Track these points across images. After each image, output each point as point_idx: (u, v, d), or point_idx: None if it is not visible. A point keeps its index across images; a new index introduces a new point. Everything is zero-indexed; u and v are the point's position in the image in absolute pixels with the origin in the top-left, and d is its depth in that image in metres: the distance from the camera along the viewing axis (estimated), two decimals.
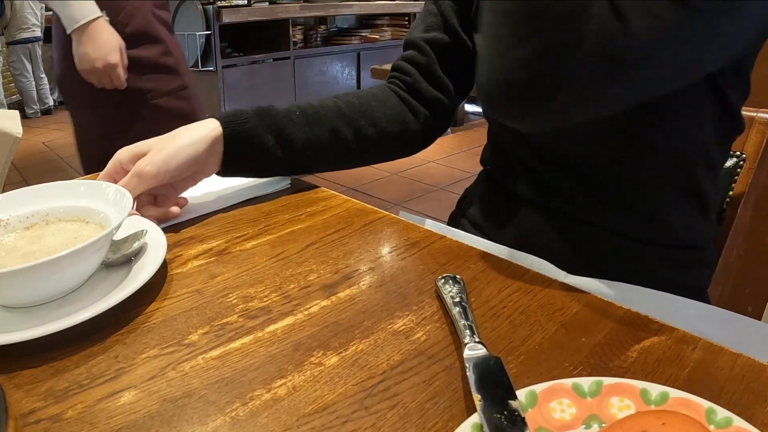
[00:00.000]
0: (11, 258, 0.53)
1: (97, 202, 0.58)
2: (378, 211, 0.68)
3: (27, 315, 0.49)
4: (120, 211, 0.55)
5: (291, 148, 0.70)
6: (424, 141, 0.82)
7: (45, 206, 0.59)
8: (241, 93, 3.60)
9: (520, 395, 0.37)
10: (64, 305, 0.50)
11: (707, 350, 0.44)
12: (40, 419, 0.38)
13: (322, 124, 0.72)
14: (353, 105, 0.75)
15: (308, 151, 0.71)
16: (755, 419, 0.37)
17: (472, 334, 0.43)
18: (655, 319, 0.47)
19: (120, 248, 0.56)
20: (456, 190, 3.19)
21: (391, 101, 0.77)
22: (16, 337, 0.44)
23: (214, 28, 3.38)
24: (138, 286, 0.50)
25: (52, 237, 0.56)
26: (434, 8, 0.77)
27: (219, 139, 0.66)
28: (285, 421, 0.38)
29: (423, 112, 0.78)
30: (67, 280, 0.50)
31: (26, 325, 0.45)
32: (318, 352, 0.44)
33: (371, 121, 0.75)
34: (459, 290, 0.49)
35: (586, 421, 0.36)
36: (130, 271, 0.54)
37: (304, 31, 4.00)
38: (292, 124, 0.70)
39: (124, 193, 0.57)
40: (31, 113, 5.66)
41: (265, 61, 3.76)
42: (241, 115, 0.68)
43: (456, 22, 0.75)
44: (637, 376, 0.40)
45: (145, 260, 0.55)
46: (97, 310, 0.47)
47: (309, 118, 0.72)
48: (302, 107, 0.73)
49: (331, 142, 0.72)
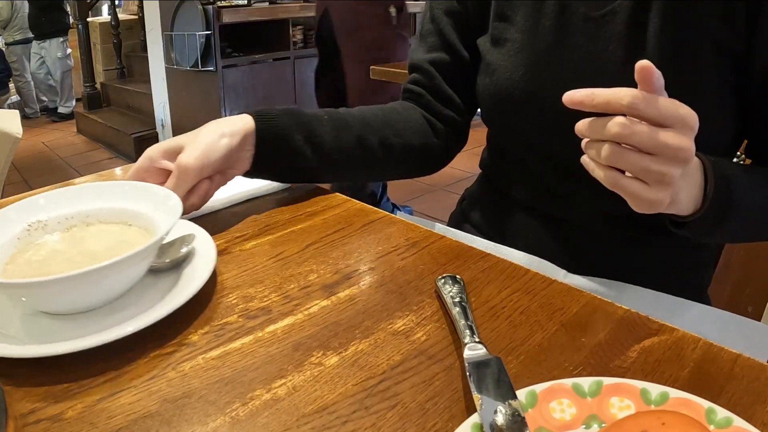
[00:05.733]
0: (54, 263, 0.50)
1: (139, 204, 0.56)
2: (378, 211, 0.68)
3: (70, 323, 0.47)
4: (169, 215, 0.51)
5: (319, 150, 0.68)
6: (446, 157, 0.81)
7: (85, 207, 0.56)
8: (241, 93, 3.60)
9: (520, 395, 0.37)
10: (111, 313, 0.47)
11: (707, 350, 0.44)
12: (40, 419, 0.38)
13: (350, 130, 0.71)
14: (378, 116, 0.75)
15: (335, 155, 0.70)
16: (755, 419, 0.37)
17: (472, 334, 0.43)
18: (655, 319, 0.47)
19: (166, 252, 0.53)
20: (456, 190, 3.18)
21: (414, 115, 0.77)
22: (60, 348, 0.41)
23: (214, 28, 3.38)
24: (187, 298, 0.47)
25: (94, 240, 0.54)
26: (432, 27, 0.77)
27: (252, 134, 0.64)
28: (285, 421, 0.38)
29: (441, 129, 0.78)
30: (114, 288, 0.48)
31: (70, 335, 0.43)
32: (318, 352, 0.44)
33: (396, 131, 0.74)
34: (459, 290, 0.49)
35: (586, 421, 0.36)
36: (179, 279, 0.51)
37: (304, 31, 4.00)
38: (320, 126, 0.69)
39: (172, 196, 0.54)
40: (31, 113, 5.67)
41: (265, 61, 3.76)
42: (270, 112, 0.67)
43: (455, 38, 0.75)
44: (637, 376, 0.40)
45: (193, 267, 0.52)
46: (144, 321, 0.44)
47: (336, 123, 0.70)
48: (328, 112, 0.72)
49: (358, 150, 0.71)
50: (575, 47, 0.63)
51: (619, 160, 0.46)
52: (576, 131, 0.48)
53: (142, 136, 4.21)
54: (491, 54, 0.70)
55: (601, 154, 0.46)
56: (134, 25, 5.27)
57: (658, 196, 0.47)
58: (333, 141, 0.69)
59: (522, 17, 0.67)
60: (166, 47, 3.72)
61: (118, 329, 0.43)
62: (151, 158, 0.62)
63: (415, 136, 0.75)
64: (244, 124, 0.64)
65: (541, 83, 0.65)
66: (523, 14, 0.66)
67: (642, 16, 0.59)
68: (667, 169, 0.45)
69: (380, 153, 0.73)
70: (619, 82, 0.60)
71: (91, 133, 4.89)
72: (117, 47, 5.10)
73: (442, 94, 0.77)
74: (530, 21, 0.66)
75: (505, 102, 0.68)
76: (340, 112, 0.72)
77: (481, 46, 0.72)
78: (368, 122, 0.73)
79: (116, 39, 5.05)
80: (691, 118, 0.45)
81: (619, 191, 0.48)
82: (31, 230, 0.53)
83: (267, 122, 0.65)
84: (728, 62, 0.59)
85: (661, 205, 0.48)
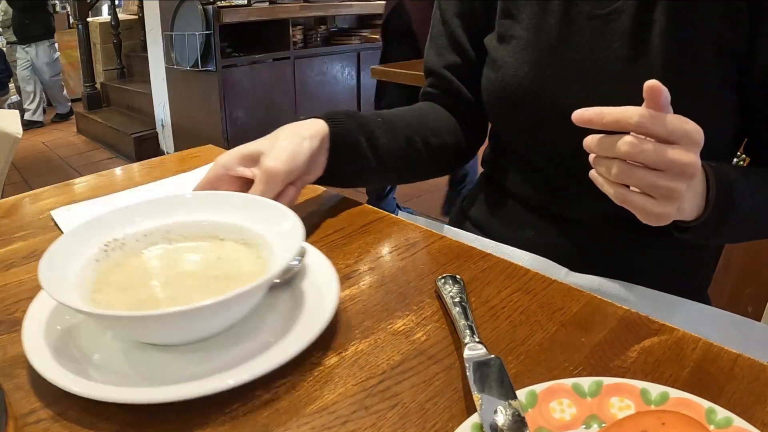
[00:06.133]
0: (152, 288, 0.45)
1: (227, 215, 0.50)
2: (378, 211, 0.68)
3: (186, 357, 0.41)
4: (292, 230, 0.45)
5: (377, 152, 0.68)
6: (471, 153, 0.83)
7: (162, 222, 0.50)
8: (241, 93, 3.60)
9: (520, 395, 0.37)
10: (228, 345, 0.42)
11: (707, 350, 0.43)
12: (40, 419, 0.38)
13: (399, 131, 0.71)
14: (415, 116, 0.75)
15: (390, 157, 0.70)
16: (755, 419, 0.37)
17: (472, 334, 0.43)
18: (655, 319, 0.47)
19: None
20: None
21: (444, 114, 0.78)
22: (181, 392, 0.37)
23: (214, 28, 3.38)
24: (320, 330, 0.42)
25: (186, 258, 0.48)
26: (443, 30, 0.78)
27: (327, 137, 0.63)
28: (285, 421, 0.38)
29: (465, 126, 0.79)
30: (233, 318, 0.43)
31: (186, 372, 0.39)
32: (318, 352, 0.44)
33: (434, 131, 0.75)
34: (459, 290, 0.49)
35: (586, 421, 0.36)
36: (300, 300, 0.46)
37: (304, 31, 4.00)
38: (378, 129, 0.69)
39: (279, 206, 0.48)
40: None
41: (265, 61, 3.76)
42: (337, 115, 0.66)
43: (466, 40, 0.76)
44: (637, 376, 0.40)
45: (308, 284, 0.47)
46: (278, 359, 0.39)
47: (387, 125, 0.70)
48: (378, 114, 0.71)
49: (407, 151, 0.72)
50: (580, 45, 0.63)
51: (628, 177, 0.47)
52: (585, 147, 0.49)
53: (142, 136, 4.21)
54: (497, 51, 0.70)
55: (610, 171, 0.48)
56: (134, 25, 5.27)
57: (665, 210, 0.48)
58: (388, 143, 0.69)
59: (527, 15, 0.67)
60: (166, 47, 3.72)
61: (244, 370, 0.38)
62: (226, 166, 0.59)
63: (449, 134, 0.77)
64: (319, 127, 0.63)
65: (546, 80, 0.65)
66: (528, 12, 0.67)
67: (647, 15, 0.60)
68: (674, 185, 0.47)
69: (424, 153, 0.73)
70: (622, 80, 0.61)
71: (91, 133, 4.89)
72: (117, 47, 5.10)
73: (460, 96, 0.78)
74: (535, 19, 0.66)
75: (510, 98, 0.68)
76: (386, 114, 0.73)
77: (487, 43, 0.73)
78: (409, 123, 0.73)
79: (116, 39, 5.05)
80: (697, 134, 0.46)
81: (627, 206, 0.50)
82: (108, 250, 0.47)
83: (338, 125, 0.65)
84: (730, 62, 0.59)
85: (668, 218, 0.50)
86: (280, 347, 0.41)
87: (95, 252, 0.46)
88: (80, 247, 0.46)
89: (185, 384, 0.38)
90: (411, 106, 0.79)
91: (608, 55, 0.61)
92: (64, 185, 0.81)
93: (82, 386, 0.37)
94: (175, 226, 0.50)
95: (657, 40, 0.59)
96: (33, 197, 0.76)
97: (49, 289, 0.39)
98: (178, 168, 0.85)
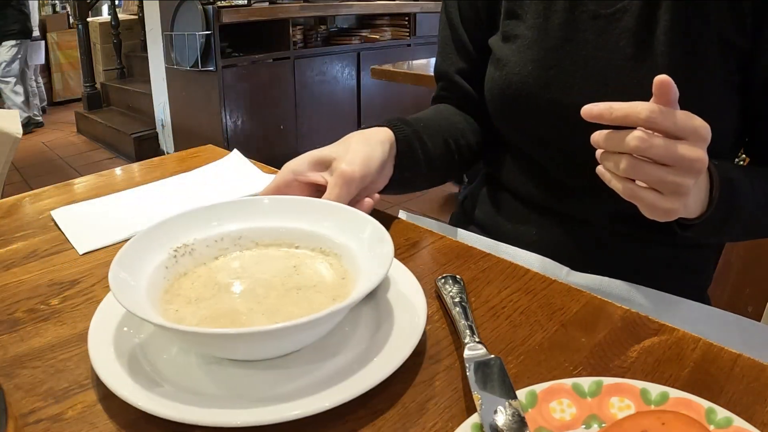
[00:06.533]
0: (229, 299, 0.42)
1: (301, 222, 0.48)
2: (378, 210, 0.68)
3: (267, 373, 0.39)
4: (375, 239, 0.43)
5: (427, 156, 0.69)
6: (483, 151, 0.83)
7: (233, 227, 0.48)
8: (241, 93, 3.59)
9: (520, 395, 0.37)
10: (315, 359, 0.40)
11: (707, 350, 0.43)
12: (40, 419, 0.38)
13: (438, 135, 0.72)
14: (444, 118, 0.76)
15: (437, 161, 0.70)
16: (755, 419, 0.37)
17: (472, 334, 0.43)
18: (655, 319, 0.47)
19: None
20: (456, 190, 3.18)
21: (462, 115, 0.79)
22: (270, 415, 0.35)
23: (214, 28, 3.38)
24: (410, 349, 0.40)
25: (260, 267, 0.45)
26: (450, 34, 0.79)
27: (394, 144, 0.64)
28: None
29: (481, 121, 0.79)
30: (322, 333, 0.40)
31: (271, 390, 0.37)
32: None
33: (461, 132, 0.76)
34: (459, 290, 0.49)
35: (586, 421, 0.36)
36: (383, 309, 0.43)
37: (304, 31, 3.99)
38: (424, 134, 0.69)
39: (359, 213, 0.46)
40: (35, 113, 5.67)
41: (265, 61, 3.76)
42: (396, 121, 0.66)
43: (472, 44, 0.77)
44: (637, 376, 0.40)
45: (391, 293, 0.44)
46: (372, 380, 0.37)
47: (429, 129, 0.71)
48: (417, 118, 0.72)
49: (446, 154, 0.72)
50: (584, 43, 0.63)
51: (636, 172, 0.47)
52: (592, 142, 0.49)
53: (142, 136, 4.21)
54: (501, 50, 0.70)
55: (619, 166, 0.48)
56: (134, 25, 5.27)
57: (673, 205, 0.48)
58: (433, 148, 0.70)
59: (532, 15, 0.67)
60: (166, 47, 3.72)
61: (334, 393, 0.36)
62: (295, 171, 0.58)
63: (473, 135, 0.78)
64: (387, 134, 0.63)
65: (550, 79, 0.65)
66: (533, 12, 0.67)
67: (652, 14, 0.60)
68: (682, 180, 0.47)
69: (456, 154, 0.74)
70: (627, 78, 0.61)
71: (91, 133, 4.89)
72: (117, 47, 5.10)
73: (471, 98, 0.78)
74: (540, 18, 0.66)
75: (514, 96, 0.68)
76: (424, 118, 0.73)
77: (492, 44, 0.73)
78: (443, 126, 0.74)
79: (116, 39, 5.05)
80: (704, 130, 0.46)
81: (635, 202, 0.50)
82: (177, 256, 0.46)
83: (401, 132, 0.65)
84: (734, 60, 0.59)
85: (675, 213, 0.49)
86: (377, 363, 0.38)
87: (164, 258, 0.44)
88: (149, 253, 0.44)
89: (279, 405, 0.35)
90: (432, 108, 0.79)
91: (612, 54, 0.62)
92: (64, 185, 0.81)
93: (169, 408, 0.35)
94: (247, 231, 0.48)
95: (661, 39, 0.59)
96: (33, 197, 0.76)
97: (122, 300, 0.37)
98: (178, 168, 0.85)
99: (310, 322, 0.34)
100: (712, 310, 0.66)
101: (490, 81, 0.72)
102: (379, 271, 0.39)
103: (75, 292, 0.53)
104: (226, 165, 0.85)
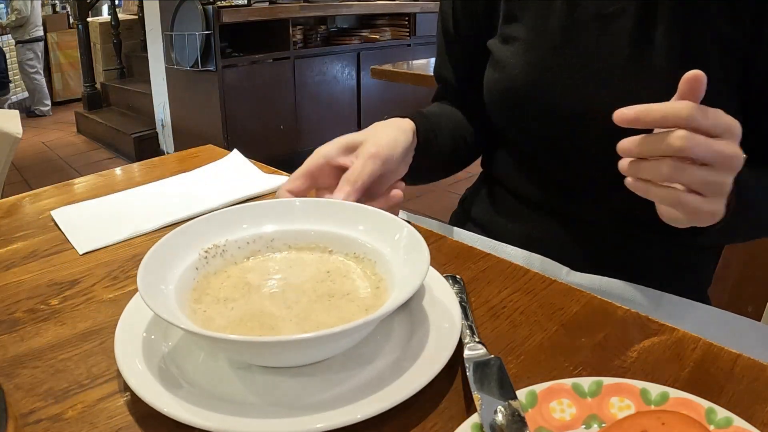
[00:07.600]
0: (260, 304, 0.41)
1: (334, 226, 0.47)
2: None
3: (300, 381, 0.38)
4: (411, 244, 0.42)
5: (438, 149, 0.70)
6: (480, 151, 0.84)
7: (266, 230, 0.47)
8: (241, 93, 3.59)
9: (520, 395, 0.37)
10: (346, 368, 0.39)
11: (707, 350, 0.43)
12: (40, 419, 0.38)
13: (446, 130, 0.73)
14: (448, 114, 0.77)
15: (446, 155, 0.71)
16: (755, 419, 0.37)
17: (472, 334, 0.43)
18: (655, 319, 0.47)
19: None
20: (456, 190, 3.18)
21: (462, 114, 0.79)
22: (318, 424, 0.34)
23: (214, 28, 3.38)
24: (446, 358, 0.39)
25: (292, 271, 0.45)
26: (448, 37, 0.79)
27: (414, 133, 0.64)
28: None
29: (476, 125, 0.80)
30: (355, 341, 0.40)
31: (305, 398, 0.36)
32: None
33: (464, 128, 0.77)
34: (459, 290, 0.48)
35: (586, 421, 0.36)
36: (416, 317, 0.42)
37: (304, 31, 3.99)
38: (437, 125, 0.70)
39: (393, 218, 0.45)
40: (45, 110, 5.69)
41: (265, 61, 3.76)
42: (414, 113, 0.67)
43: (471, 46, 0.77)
44: (637, 376, 0.40)
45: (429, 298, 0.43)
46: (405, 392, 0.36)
47: (439, 124, 0.71)
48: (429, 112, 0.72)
49: (453, 149, 0.73)
50: (584, 44, 0.63)
51: (681, 175, 0.44)
52: (620, 151, 0.46)
53: (142, 136, 4.21)
54: (500, 51, 0.70)
55: (660, 172, 0.44)
56: (134, 25, 5.27)
57: (715, 206, 0.47)
58: (443, 141, 0.71)
59: (530, 16, 0.67)
60: (166, 47, 3.72)
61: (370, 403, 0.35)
62: (327, 155, 0.58)
63: (474, 134, 0.78)
64: (408, 123, 0.64)
65: (549, 80, 0.65)
66: (531, 14, 0.67)
67: (651, 14, 0.60)
68: (723, 179, 0.45)
69: (462, 151, 0.75)
70: (627, 78, 0.61)
71: (91, 133, 4.89)
72: (117, 47, 5.10)
73: (470, 100, 0.79)
74: (539, 20, 0.66)
75: (513, 98, 0.68)
76: (433, 113, 0.73)
77: (491, 46, 0.73)
78: (449, 121, 0.75)
79: (116, 39, 5.05)
80: (736, 126, 0.45)
81: (679, 209, 0.47)
82: (208, 257, 0.45)
83: (420, 123, 0.66)
84: (733, 61, 0.59)
85: (717, 215, 0.48)
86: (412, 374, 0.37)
87: (195, 259, 0.44)
88: (179, 252, 0.43)
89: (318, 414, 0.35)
90: (436, 105, 0.80)
91: (611, 55, 0.61)
92: (64, 185, 0.81)
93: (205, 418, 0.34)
94: (280, 234, 0.47)
95: (661, 39, 0.59)
96: (33, 197, 0.76)
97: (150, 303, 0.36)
98: (178, 168, 0.85)
99: (339, 332, 0.34)
100: (712, 310, 0.66)
101: (490, 83, 0.72)
102: (414, 282, 0.38)
103: (75, 292, 0.53)
104: (226, 165, 0.85)
